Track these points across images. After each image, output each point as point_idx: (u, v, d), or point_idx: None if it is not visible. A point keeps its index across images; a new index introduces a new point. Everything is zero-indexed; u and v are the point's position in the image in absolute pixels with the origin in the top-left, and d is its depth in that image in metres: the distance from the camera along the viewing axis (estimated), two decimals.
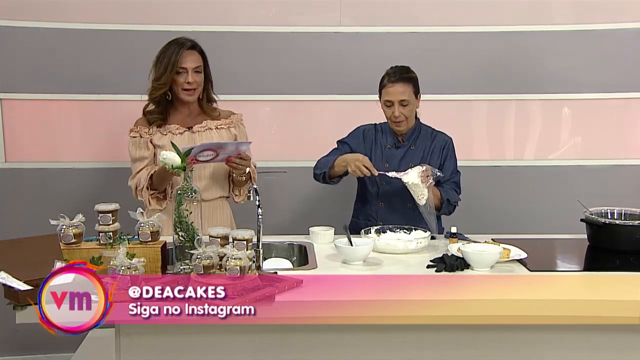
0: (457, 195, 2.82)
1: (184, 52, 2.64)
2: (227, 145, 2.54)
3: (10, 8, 3.34)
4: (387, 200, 2.84)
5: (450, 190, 2.79)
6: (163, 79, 2.64)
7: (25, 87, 3.38)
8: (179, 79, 2.66)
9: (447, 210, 2.79)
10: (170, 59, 2.63)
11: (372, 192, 2.87)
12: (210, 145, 2.48)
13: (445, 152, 2.84)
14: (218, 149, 2.50)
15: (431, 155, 2.83)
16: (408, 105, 2.76)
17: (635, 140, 3.60)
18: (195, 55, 2.67)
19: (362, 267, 2.31)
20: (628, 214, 2.65)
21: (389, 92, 2.76)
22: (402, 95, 2.74)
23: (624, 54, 3.52)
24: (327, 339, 2.06)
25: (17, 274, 1.93)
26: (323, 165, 2.80)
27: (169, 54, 2.64)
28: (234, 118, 2.82)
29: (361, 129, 2.92)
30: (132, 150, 2.72)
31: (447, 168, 2.82)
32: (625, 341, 2.08)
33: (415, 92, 2.78)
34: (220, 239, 2.18)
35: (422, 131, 2.87)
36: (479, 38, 3.50)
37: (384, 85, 2.79)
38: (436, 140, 2.85)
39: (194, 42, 2.69)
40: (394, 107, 2.75)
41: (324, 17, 3.48)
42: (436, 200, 2.72)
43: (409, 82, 2.76)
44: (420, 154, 2.83)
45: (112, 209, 2.25)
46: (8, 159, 3.42)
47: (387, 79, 2.78)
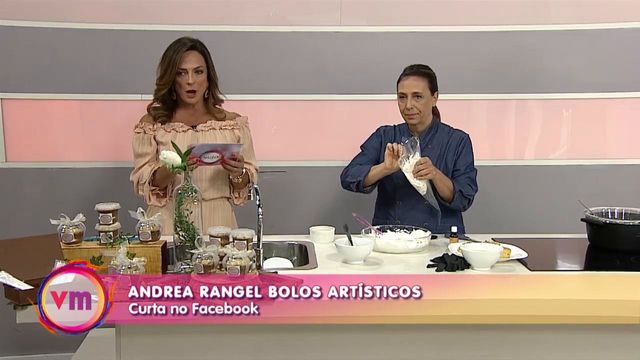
0: (472, 189, 2.80)
1: (183, 53, 2.64)
2: (232, 146, 2.55)
3: (10, 8, 3.34)
4: (404, 199, 2.84)
5: (464, 184, 2.78)
6: (164, 79, 2.65)
7: (25, 87, 3.38)
8: (181, 80, 2.66)
9: (460, 204, 2.76)
10: (171, 59, 2.63)
11: (389, 191, 2.89)
12: (215, 147, 2.48)
13: (460, 148, 2.84)
14: (223, 150, 2.51)
15: (447, 152, 2.84)
16: (421, 99, 2.77)
17: (635, 140, 3.60)
18: (196, 56, 2.67)
19: (362, 267, 2.31)
20: (628, 213, 2.65)
21: (403, 84, 2.80)
22: (415, 87, 2.76)
23: (624, 54, 3.51)
24: (327, 339, 2.07)
25: (17, 273, 1.93)
26: (356, 174, 2.79)
27: (170, 54, 2.64)
28: (239, 120, 2.82)
29: (382, 129, 2.95)
30: (136, 145, 2.73)
31: (461, 163, 2.82)
32: (625, 341, 2.08)
33: (431, 88, 2.80)
34: (220, 238, 2.18)
35: (440, 130, 2.88)
36: (479, 38, 3.50)
37: (399, 80, 2.83)
38: (452, 138, 2.86)
39: (195, 43, 2.69)
40: (407, 100, 2.78)
41: (324, 17, 3.48)
42: (447, 192, 2.72)
43: (424, 77, 2.79)
44: (437, 152, 2.83)
45: (112, 208, 2.25)
46: (8, 158, 3.42)
47: (403, 73, 2.83)
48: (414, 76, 2.78)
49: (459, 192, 2.73)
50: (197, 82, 2.67)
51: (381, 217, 2.92)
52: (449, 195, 2.74)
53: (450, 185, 2.74)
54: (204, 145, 2.48)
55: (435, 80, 2.83)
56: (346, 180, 2.83)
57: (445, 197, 2.75)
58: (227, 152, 2.53)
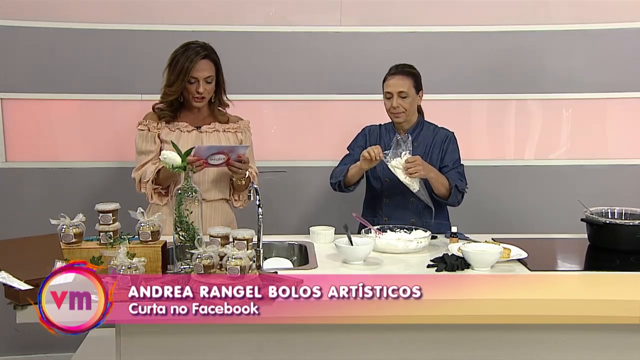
0: (464, 184, 2.82)
1: (197, 62, 2.61)
2: (238, 148, 2.55)
3: (10, 8, 3.34)
4: (391, 197, 2.88)
5: (456, 179, 2.79)
6: (175, 86, 2.64)
7: (25, 87, 3.38)
8: (190, 88, 2.66)
9: (456, 200, 2.79)
10: (184, 66, 2.60)
11: (377, 188, 2.92)
12: (222, 149, 2.49)
13: (446, 145, 2.87)
14: (229, 152, 2.51)
15: (432, 149, 2.87)
16: (407, 98, 2.82)
17: (635, 140, 3.60)
18: (208, 65, 2.65)
19: (362, 267, 2.31)
20: (628, 213, 2.65)
21: (388, 84, 2.85)
22: (400, 87, 2.81)
23: (624, 54, 3.51)
24: (327, 339, 2.07)
25: (17, 273, 1.93)
26: (338, 174, 2.85)
27: (183, 61, 2.61)
28: (241, 124, 2.83)
29: (366, 129, 2.99)
30: (139, 143, 2.72)
31: (448, 159, 2.85)
32: (625, 341, 2.08)
33: (415, 87, 2.85)
34: (220, 238, 2.18)
35: (425, 128, 2.92)
36: (479, 38, 3.50)
37: (385, 79, 2.88)
38: (437, 136, 2.90)
39: (208, 51, 2.65)
40: (393, 99, 2.82)
41: (324, 17, 3.48)
42: (443, 189, 2.74)
43: (408, 76, 2.83)
44: (422, 150, 2.86)
45: (112, 208, 2.25)
46: (8, 158, 3.42)
47: (388, 73, 2.88)
48: (399, 75, 2.83)
49: (455, 187, 2.75)
50: (206, 89, 2.67)
51: (369, 215, 2.93)
52: (445, 192, 2.76)
53: (446, 182, 2.76)
54: (211, 147, 2.48)
55: (420, 80, 2.87)
56: (331, 182, 2.90)
57: (441, 195, 2.76)
58: (233, 153, 2.53)
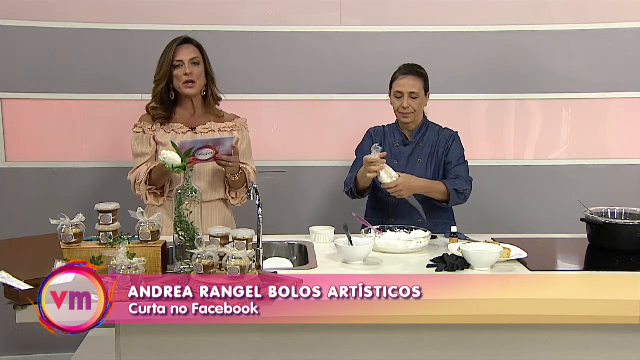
0: (465, 183, 2.79)
1: (178, 46, 2.67)
2: (225, 140, 2.54)
3: (10, 8, 3.34)
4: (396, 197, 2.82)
5: (455, 181, 2.77)
6: (161, 73, 2.67)
7: (25, 87, 3.38)
8: (178, 73, 2.66)
9: (458, 201, 2.77)
10: (167, 55, 2.66)
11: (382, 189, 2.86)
12: (207, 142, 2.48)
13: (450, 143, 2.87)
14: (216, 145, 2.51)
15: (438, 148, 2.87)
16: (417, 99, 2.81)
17: (635, 140, 3.60)
18: (191, 48, 2.69)
19: (362, 267, 2.31)
20: (628, 213, 2.65)
21: (400, 83, 2.82)
22: (412, 87, 2.79)
23: (624, 54, 3.51)
24: (327, 339, 2.07)
25: (17, 273, 1.93)
26: (349, 182, 2.84)
27: (166, 51, 2.67)
28: (238, 122, 2.82)
29: (371, 131, 2.97)
30: (135, 145, 2.73)
31: (452, 156, 2.84)
32: (625, 341, 2.08)
33: (425, 88, 2.84)
34: (220, 238, 2.18)
35: (430, 128, 2.91)
36: (479, 38, 3.50)
37: (395, 78, 2.86)
38: (442, 135, 2.89)
39: (189, 37, 2.72)
40: (404, 99, 2.80)
41: (324, 17, 3.48)
42: (441, 197, 2.73)
43: (420, 77, 2.82)
44: (428, 150, 2.86)
45: (112, 208, 2.25)
46: (8, 158, 3.42)
47: (399, 72, 2.86)
48: (411, 76, 2.81)
49: (454, 191, 2.74)
50: (194, 72, 2.67)
51: (375, 216, 2.91)
52: (444, 198, 2.74)
53: (442, 189, 2.74)
54: (195, 142, 2.48)
55: (427, 81, 2.86)
56: (344, 191, 2.87)
57: (441, 201, 2.75)
58: (221, 147, 2.52)
